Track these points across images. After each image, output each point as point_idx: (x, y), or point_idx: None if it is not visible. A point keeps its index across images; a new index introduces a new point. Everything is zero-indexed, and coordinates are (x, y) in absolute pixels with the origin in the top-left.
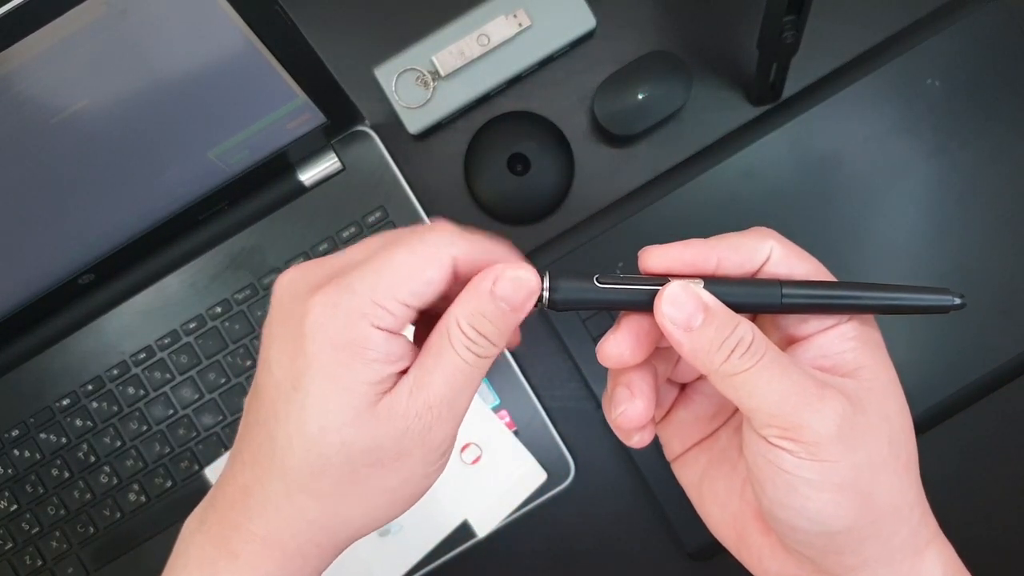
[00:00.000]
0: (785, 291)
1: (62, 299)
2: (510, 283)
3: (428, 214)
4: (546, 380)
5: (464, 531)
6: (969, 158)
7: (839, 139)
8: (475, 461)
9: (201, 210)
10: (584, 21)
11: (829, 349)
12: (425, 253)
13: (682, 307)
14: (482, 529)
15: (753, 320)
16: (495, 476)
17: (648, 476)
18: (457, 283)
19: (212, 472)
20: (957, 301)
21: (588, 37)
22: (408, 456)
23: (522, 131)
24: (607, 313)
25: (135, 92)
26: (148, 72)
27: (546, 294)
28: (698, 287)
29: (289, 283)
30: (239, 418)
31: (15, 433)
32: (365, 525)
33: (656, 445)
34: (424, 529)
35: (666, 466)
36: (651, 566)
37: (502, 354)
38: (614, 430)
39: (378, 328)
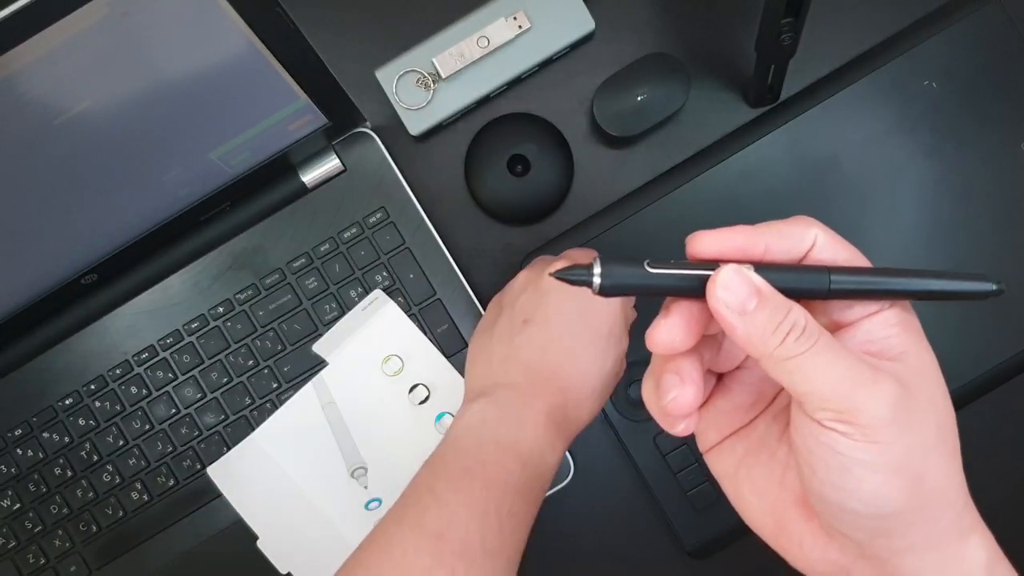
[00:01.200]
0: (833, 277)
1: (65, 299)
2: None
3: (429, 215)
4: None
5: None
6: (966, 159)
7: (837, 140)
8: None
9: (203, 211)
10: (583, 23)
11: (875, 335)
12: None
13: (736, 291)
14: None
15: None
16: None
17: (647, 475)
18: None
19: (214, 471)
20: (994, 287)
21: (587, 39)
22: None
23: (522, 132)
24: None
25: (137, 94)
26: (150, 74)
27: (596, 279)
28: (750, 272)
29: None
30: (241, 417)
31: (18, 432)
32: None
33: (650, 443)
34: None
35: (665, 465)
36: (650, 564)
37: None
38: (659, 418)
39: None
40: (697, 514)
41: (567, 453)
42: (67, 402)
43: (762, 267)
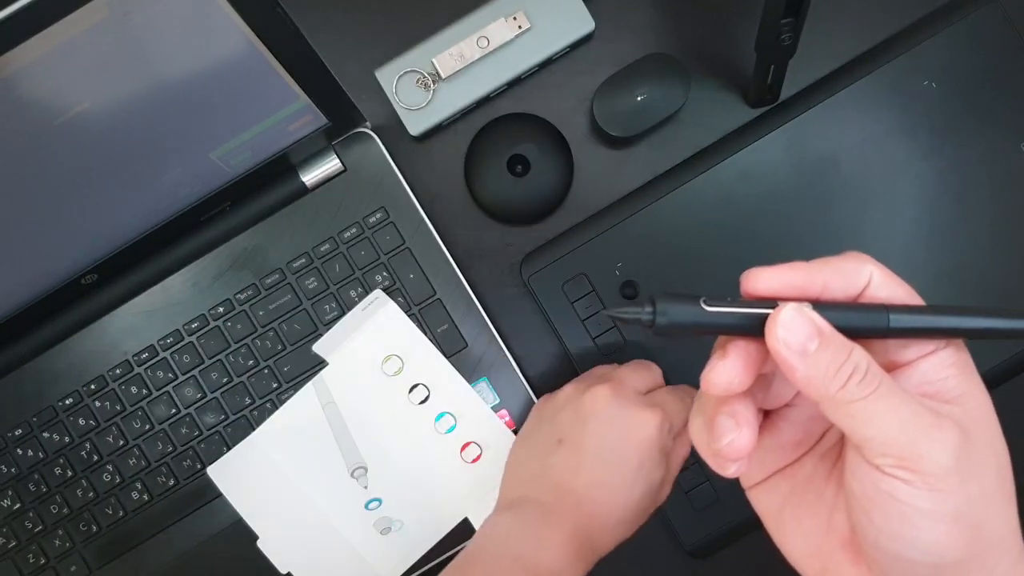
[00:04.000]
0: (892, 316)
1: (65, 299)
2: None
3: (429, 215)
4: (545, 380)
5: (465, 529)
6: (965, 159)
7: (836, 141)
8: (475, 460)
9: (203, 211)
10: (583, 23)
11: (932, 375)
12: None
13: (796, 331)
14: None
15: None
16: (495, 474)
17: None
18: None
19: (214, 471)
20: None
21: (587, 39)
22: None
23: (522, 132)
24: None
25: (138, 94)
26: (151, 74)
27: (652, 318)
28: (810, 311)
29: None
30: (241, 417)
31: (18, 432)
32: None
33: None
34: (425, 527)
35: None
36: (650, 564)
37: (502, 355)
38: (710, 459)
39: None
40: (697, 514)
41: None
42: (67, 402)
43: (821, 305)
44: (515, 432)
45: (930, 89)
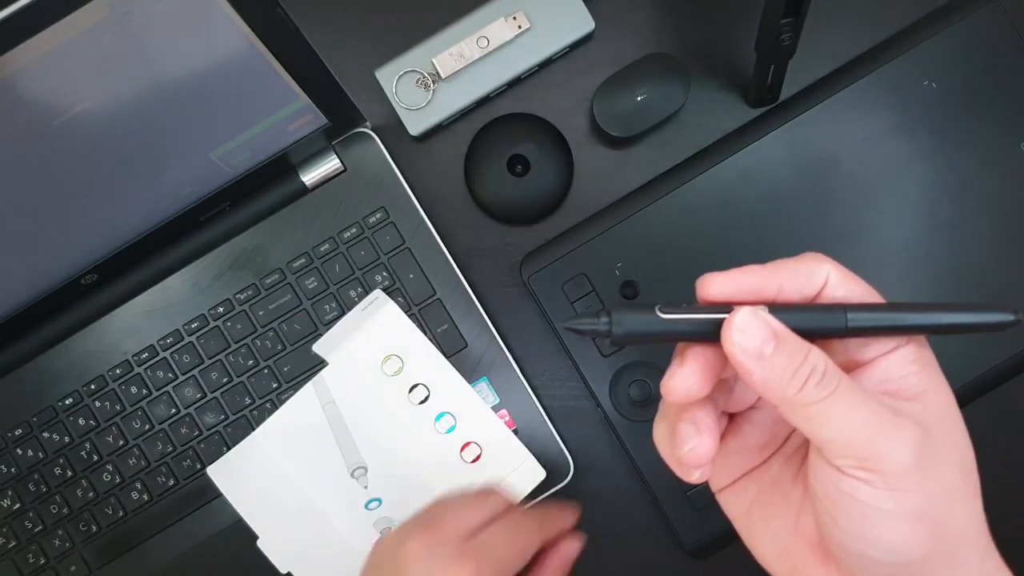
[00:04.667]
0: (850, 315)
1: (65, 299)
2: None
3: (429, 215)
4: (545, 380)
5: None
6: (965, 159)
7: (836, 141)
8: (475, 460)
9: (203, 211)
10: (583, 23)
11: (892, 373)
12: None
13: (752, 335)
14: None
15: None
16: (495, 474)
17: (647, 474)
18: None
19: (214, 471)
20: (1012, 318)
21: (587, 39)
22: None
23: (522, 132)
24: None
25: (138, 94)
26: (151, 74)
27: (608, 328)
28: (766, 314)
29: None
30: (241, 417)
31: (18, 432)
32: None
33: (650, 443)
34: None
35: (665, 465)
36: (650, 564)
37: (502, 355)
38: (673, 466)
39: None
40: (696, 514)
41: (566, 452)
42: (67, 402)
43: (777, 308)
44: (515, 432)
45: (930, 89)
